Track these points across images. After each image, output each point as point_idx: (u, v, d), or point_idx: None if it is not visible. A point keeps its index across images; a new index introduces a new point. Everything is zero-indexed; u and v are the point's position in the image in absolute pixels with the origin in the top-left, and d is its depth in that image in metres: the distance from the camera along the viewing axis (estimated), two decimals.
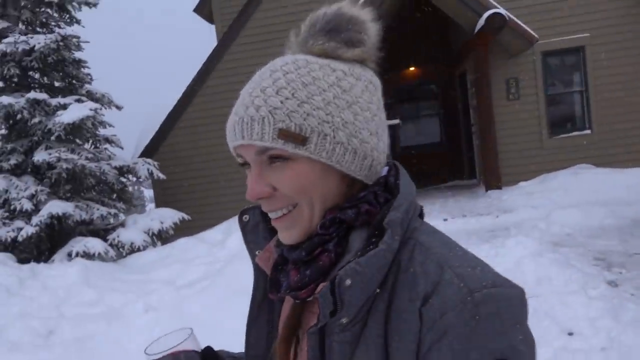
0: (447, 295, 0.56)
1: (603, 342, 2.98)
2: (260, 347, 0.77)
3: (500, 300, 0.56)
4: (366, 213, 0.63)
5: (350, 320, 0.58)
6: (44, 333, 3.88)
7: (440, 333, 0.55)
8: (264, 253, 0.74)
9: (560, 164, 8.41)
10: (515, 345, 0.55)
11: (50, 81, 7.99)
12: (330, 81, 0.64)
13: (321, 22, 0.68)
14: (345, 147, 0.63)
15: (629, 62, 8.55)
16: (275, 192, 0.64)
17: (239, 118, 0.64)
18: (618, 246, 4.90)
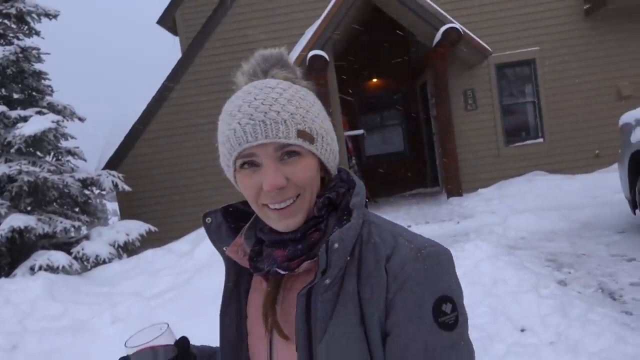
0: (403, 254, 0.75)
1: (552, 337, 3.20)
2: (232, 332, 0.89)
3: (439, 255, 0.77)
4: (342, 195, 0.83)
5: (331, 282, 0.74)
6: (7, 348, 3.82)
7: (402, 281, 0.73)
8: (232, 247, 0.87)
9: (516, 171, 8.82)
10: (451, 285, 0.76)
11: (9, 93, 7.82)
12: (312, 99, 0.82)
13: (272, 58, 0.84)
14: (331, 148, 0.83)
15: (576, 74, 9.08)
16: (287, 183, 0.76)
17: (260, 121, 0.74)
18: (568, 248, 5.21)
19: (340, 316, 0.74)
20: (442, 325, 0.73)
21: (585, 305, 3.55)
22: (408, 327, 0.73)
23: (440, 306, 0.73)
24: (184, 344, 0.89)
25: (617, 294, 3.87)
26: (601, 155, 8.99)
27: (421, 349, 0.72)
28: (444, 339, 0.73)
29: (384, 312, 0.74)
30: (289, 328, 0.79)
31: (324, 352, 0.73)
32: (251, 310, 0.89)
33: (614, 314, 3.46)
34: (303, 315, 0.75)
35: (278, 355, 0.82)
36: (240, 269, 0.89)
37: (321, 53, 7.95)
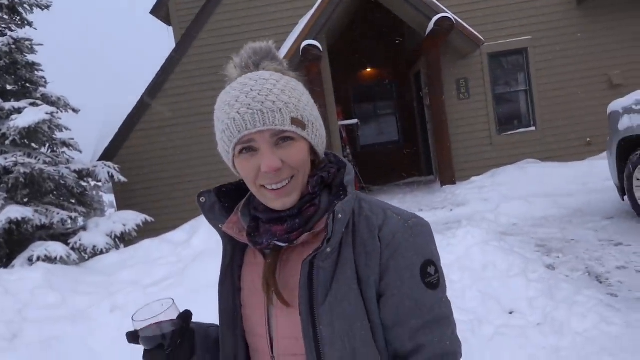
0: (393, 224, 0.87)
1: (539, 319, 3.31)
2: (228, 302, 0.97)
3: (423, 225, 0.90)
4: (333, 174, 0.92)
5: (331, 250, 0.83)
6: (8, 337, 3.88)
7: (394, 247, 0.85)
8: (228, 224, 0.95)
9: (509, 159, 8.92)
10: (433, 251, 0.89)
11: (3, 85, 7.80)
12: (302, 89, 0.90)
13: (262, 52, 0.92)
14: (320, 133, 0.91)
15: (568, 63, 9.15)
16: (283, 166, 0.84)
17: (257, 110, 0.82)
18: (558, 234, 5.32)
19: (340, 280, 0.84)
20: (428, 284, 0.85)
21: (572, 288, 3.66)
22: (401, 287, 0.84)
23: (426, 269, 0.86)
24: (186, 318, 0.95)
25: (603, 277, 3.98)
26: (592, 143, 9.09)
27: (412, 305, 0.84)
28: (430, 296, 0.85)
29: (378, 275, 0.85)
30: (289, 295, 0.86)
31: (327, 314, 0.82)
32: (245, 283, 0.96)
33: (600, 295, 3.56)
34: (306, 282, 0.83)
35: (277, 322, 0.89)
36: (234, 244, 0.96)
37: (315, 43, 7.98)
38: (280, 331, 0.89)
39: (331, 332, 0.82)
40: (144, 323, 0.90)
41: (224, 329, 0.96)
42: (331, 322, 0.82)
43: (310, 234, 0.86)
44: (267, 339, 0.91)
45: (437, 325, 0.85)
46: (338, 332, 0.82)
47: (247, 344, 0.96)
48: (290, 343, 0.88)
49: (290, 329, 0.87)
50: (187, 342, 0.95)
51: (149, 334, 0.90)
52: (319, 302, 0.82)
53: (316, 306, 0.82)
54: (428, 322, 0.84)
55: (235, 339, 0.96)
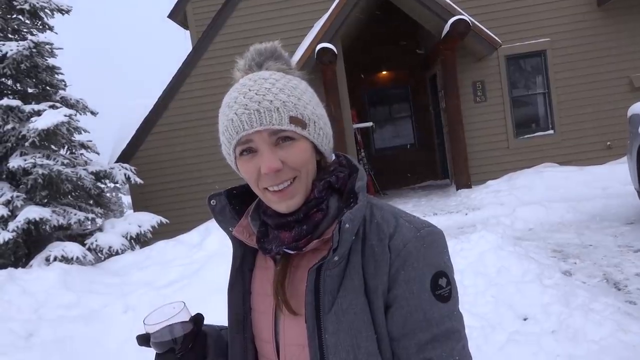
0: (404, 233, 0.83)
1: (553, 326, 3.23)
2: (239, 305, 0.95)
3: (435, 234, 0.85)
4: (342, 179, 0.89)
5: (339, 259, 0.81)
6: (24, 335, 3.95)
7: (404, 257, 0.81)
8: (238, 227, 0.94)
9: (526, 163, 8.79)
10: (446, 262, 0.85)
11: (24, 88, 7.98)
12: (303, 87, 0.87)
13: (267, 52, 0.90)
14: (324, 132, 0.87)
15: (587, 65, 8.99)
16: (284, 166, 0.82)
17: (254, 110, 0.80)
18: (575, 239, 5.21)
19: (347, 289, 0.81)
20: (438, 297, 0.82)
21: (588, 295, 3.58)
22: (409, 299, 0.81)
23: (437, 280, 0.82)
24: (198, 322, 0.95)
25: (621, 284, 3.89)
26: (613, 147, 8.91)
27: (421, 318, 0.81)
28: (441, 309, 0.82)
29: (386, 285, 0.82)
30: (297, 303, 0.85)
31: (333, 322, 0.80)
32: (255, 287, 0.95)
33: (618, 303, 3.48)
34: (312, 290, 0.81)
35: (285, 328, 0.88)
36: (245, 248, 0.95)
37: (329, 46, 7.98)
38: (287, 338, 0.88)
39: (336, 341, 0.80)
40: (156, 327, 0.89)
41: (233, 332, 0.96)
42: (336, 332, 0.80)
43: (319, 241, 0.84)
44: (274, 344, 0.90)
45: (446, 339, 0.81)
46: (343, 342, 0.80)
47: (256, 349, 0.95)
48: (296, 350, 0.86)
49: (296, 336, 0.86)
50: (199, 345, 0.95)
51: (160, 337, 0.90)
52: (325, 310, 0.81)
53: (322, 314, 0.81)
54: (437, 335, 0.81)
55: (244, 342, 0.95)
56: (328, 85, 8.34)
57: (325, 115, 0.90)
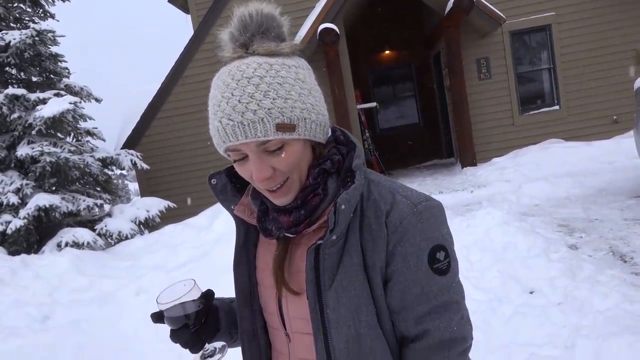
0: (401, 209, 0.83)
1: (560, 298, 3.28)
2: (244, 281, 0.98)
3: (432, 208, 0.85)
4: (337, 162, 0.87)
5: (337, 237, 0.82)
6: (39, 318, 4.04)
7: (401, 234, 0.82)
8: (239, 206, 0.95)
9: (532, 139, 8.75)
10: (444, 235, 0.85)
11: (28, 76, 7.99)
12: (293, 77, 0.81)
13: (253, 25, 0.82)
14: (317, 123, 0.83)
15: (593, 39, 8.87)
16: (275, 172, 0.81)
17: (238, 122, 0.76)
18: (581, 213, 5.23)
19: (346, 266, 0.82)
20: (436, 270, 0.82)
21: (594, 268, 3.61)
22: (407, 274, 0.82)
23: (435, 254, 0.82)
24: (209, 297, 0.98)
25: (628, 256, 3.91)
26: (619, 121, 8.84)
27: (418, 292, 0.82)
28: (438, 282, 0.83)
29: (384, 261, 0.82)
30: (299, 280, 0.87)
31: (333, 298, 0.82)
32: (260, 262, 0.97)
33: (624, 275, 3.51)
34: (312, 268, 0.82)
35: (288, 303, 0.91)
36: (247, 225, 0.97)
37: (332, 26, 7.91)
38: (291, 312, 0.90)
39: (337, 316, 0.82)
40: (168, 304, 0.92)
41: (241, 306, 0.98)
42: (337, 307, 0.82)
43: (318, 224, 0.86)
44: (279, 317, 0.93)
45: (444, 310, 0.83)
46: (344, 317, 0.82)
47: (264, 320, 0.98)
48: (301, 323, 0.89)
49: (299, 310, 0.88)
50: (211, 319, 0.98)
51: (173, 314, 0.92)
52: (325, 287, 0.82)
53: (323, 291, 0.82)
54: (435, 307, 0.83)
55: (252, 315, 0.97)
56: (331, 65, 8.29)
57: (318, 101, 0.85)
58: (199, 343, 0.96)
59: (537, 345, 2.78)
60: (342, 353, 0.82)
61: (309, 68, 0.87)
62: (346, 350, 0.82)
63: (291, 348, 0.93)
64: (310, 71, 0.87)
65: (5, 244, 6.03)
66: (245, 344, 0.99)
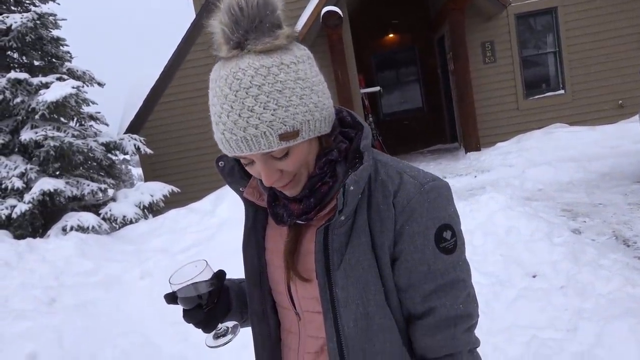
0: (408, 189, 0.84)
1: (562, 282, 3.29)
2: (253, 262, 0.99)
3: (439, 188, 0.86)
4: (344, 150, 0.88)
5: (345, 218, 0.83)
6: (46, 301, 4.09)
7: (408, 213, 0.83)
8: (248, 189, 0.96)
9: (536, 124, 8.71)
10: (450, 214, 0.86)
11: (30, 60, 7.96)
12: (292, 78, 0.77)
13: (245, 21, 0.77)
14: (321, 120, 0.82)
15: (600, 22, 8.76)
16: (283, 173, 0.83)
17: (241, 137, 0.76)
18: (585, 198, 5.22)
19: (355, 246, 0.84)
20: (443, 249, 0.84)
21: (597, 252, 3.62)
22: (414, 253, 0.83)
23: (442, 233, 0.84)
24: (221, 277, 0.99)
25: (631, 240, 3.92)
26: (624, 106, 8.78)
27: (425, 271, 0.84)
28: (445, 261, 0.84)
29: (392, 240, 0.84)
30: (309, 261, 0.88)
31: (342, 277, 0.83)
32: (269, 243, 0.99)
33: (626, 259, 3.52)
34: (321, 248, 0.84)
35: (297, 285, 0.92)
36: (256, 207, 0.98)
37: (335, 9, 7.83)
38: (300, 292, 0.92)
39: (346, 295, 0.84)
40: (181, 285, 0.93)
41: (251, 287, 1.00)
42: (346, 286, 0.84)
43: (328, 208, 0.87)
44: (288, 297, 0.94)
45: (450, 288, 0.85)
46: (352, 296, 0.84)
47: (274, 300, 1.00)
48: (311, 302, 0.91)
49: (309, 291, 0.90)
50: (223, 299, 1.00)
51: (186, 294, 0.94)
52: (334, 267, 0.83)
53: (332, 271, 0.84)
54: (441, 286, 0.84)
55: (262, 295, 0.99)
56: (334, 49, 8.23)
57: (321, 95, 0.82)
58: (212, 322, 0.98)
59: (539, 327, 2.80)
60: (351, 331, 0.84)
61: (309, 57, 0.83)
62: (355, 329, 0.84)
63: (301, 326, 0.95)
64: (311, 60, 0.83)
65: (10, 227, 6.08)
66: (255, 323, 1.01)
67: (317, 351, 0.92)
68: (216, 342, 0.99)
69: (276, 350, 1.01)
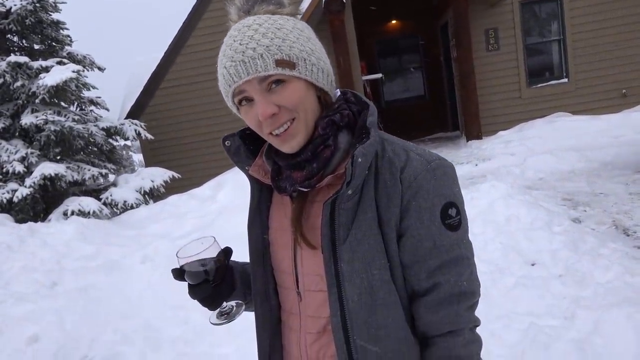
0: (415, 166, 0.86)
1: (561, 270, 3.30)
2: (258, 240, 1.00)
3: (445, 166, 0.88)
4: (347, 116, 0.89)
5: (353, 192, 0.84)
6: (48, 284, 4.12)
7: (415, 189, 0.85)
8: (253, 167, 0.97)
9: (539, 112, 8.66)
10: (455, 193, 0.88)
11: (30, 44, 7.92)
12: (290, 25, 0.85)
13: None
14: (318, 67, 0.86)
15: (604, 9, 8.67)
16: (280, 110, 0.84)
17: (239, 61, 0.81)
18: (586, 187, 5.22)
19: (361, 221, 0.85)
20: (448, 226, 0.86)
21: (596, 241, 3.63)
22: (420, 229, 0.85)
23: (447, 210, 0.86)
24: (227, 255, 1.00)
25: (631, 230, 3.92)
26: (628, 95, 8.73)
27: (431, 246, 0.85)
28: (450, 237, 0.86)
29: (398, 216, 0.85)
30: (314, 235, 0.89)
31: (348, 252, 0.84)
32: (273, 222, 0.99)
33: (626, 248, 3.53)
34: (328, 222, 0.85)
35: (303, 260, 0.93)
36: (262, 186, 0.99)
37: None
38: (305, 268, 0.92)
39: (351, 269, 0.85)
40: (188, 259, 0.93)
41: (255, 266, 1.00)
42: (351, 260, 0.84)
43: (332, 177, 0.87)
44: (293, 275, 0.95)
45: (454, 265, 0.86)
46: (357, 270, 0.85)
47: (276, 282, 1.00)
48: (314, 279, 0.91)
49: (314, 266, 0.90)
50: (228, 277, 1.00)
51: (193, 269, 0.93)
52: (340, 241, 0.84)
53: (337, 245, 0.85)
54: (446, 262, 0.85)
55: (265, 275, 1.00)
56: (336, 36, 8.16)
57: (319, 50, 0.89)
58: (218, 299, 0.98)
59: (537, 315, 2.81)
60: (355, 305, 0.85)
61: (309, 28, 0.90)
62: (359, 303, 0.85)
63: (302, 307, 0.95)
64: (311, 30, 0.90)
65: (12, 211, 6.10)
66: (258, 304, 1.01)
67: (320, 331, 0.93)
68: (220, 320, 0.99)
69: (277, 331, 1.02)
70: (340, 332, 0.86)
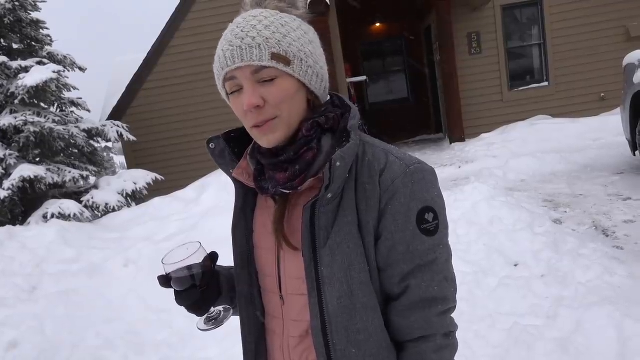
0: (394, 169, 0.86)
1: (543, 271, 3.35)
2: (243, 244, 1.00)
3: (425, 171, 0.88)
4: (332, 119, 0.89)
5: (332, 196, 0.84)
6: (27, 289, 4.03)
7: (392, 192, 0.84)
8: (237, 169, 0.96)
9: (520, 115, 8.79)
10: (434, 197, 0.87)
11: (8, 43, 7.77)
12: (296, 25, 0.86)
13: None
14: (314, 70, 0.87)
15: (584, 14, 8.85)
16: (265, 105, 0.83)
17: (237, 46, 0.82)
18: (566, 189, 5.31)
19: (341, 225, 0.85)
20: (424, 231, 0.85)
21: (577, 241, 3.69)
22: (395, 233, 0.85)
23: (424, 215, 0.85)
24: (214, 259, 0.99)
25: (610, 230, 4.00)
26: (607, 98, 8.91)
27: (404, 250, 0.85)
28: (425, 243, 0.85)
29: (376, 219, 0.85)
30: (296, 239, 0.88)
31: (328, 255, 0.84)
32: (257, 225, 0.99)
33: (605, 248, 3.59)
34: (308, 226, 0.84)
35: (285, 263, 0.92)
36: (246, 189, 0.98)
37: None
38: (288, 271, 0.92)
39: (331, 273, 0.84)
40: (175, 266, 0.92)
41: (239, 269, 1.00)
42: (331, 264, 0.84)
43: (314, 180, 0.86)
44: (276, 278, 0.94)
45: (428, 270, 0.86)
46: (337, 274, 0.84)
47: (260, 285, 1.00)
48: (297, 283, 0.91)
49: (296, 270, 0.90)
50: (215, 282, 1.00)
51: (180, 275, 0.93)
52: (320, 244, 0.84)
53: (318, 249, 0.84)
54: (419, 266, 0.85)
55: (250, 278, 0.99)
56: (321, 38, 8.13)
57: (319, 55, 0.89)
58: (205, 305, 0.98)
59: (520, 315, 2.85)
60: (335, 309, 0.85)
61: (315, 33, 0.92)
62: (339, 307, 0.85)
63: (284, 311, 0.95)
64: (316, 35, 0.92)
65: None
66: (243, 307, 1.01)
67: (302, 335, 0.93)
68: (208, 326, 0.98)
69: (262, 335, 1.01)
70: (320, 336, 0.86)
